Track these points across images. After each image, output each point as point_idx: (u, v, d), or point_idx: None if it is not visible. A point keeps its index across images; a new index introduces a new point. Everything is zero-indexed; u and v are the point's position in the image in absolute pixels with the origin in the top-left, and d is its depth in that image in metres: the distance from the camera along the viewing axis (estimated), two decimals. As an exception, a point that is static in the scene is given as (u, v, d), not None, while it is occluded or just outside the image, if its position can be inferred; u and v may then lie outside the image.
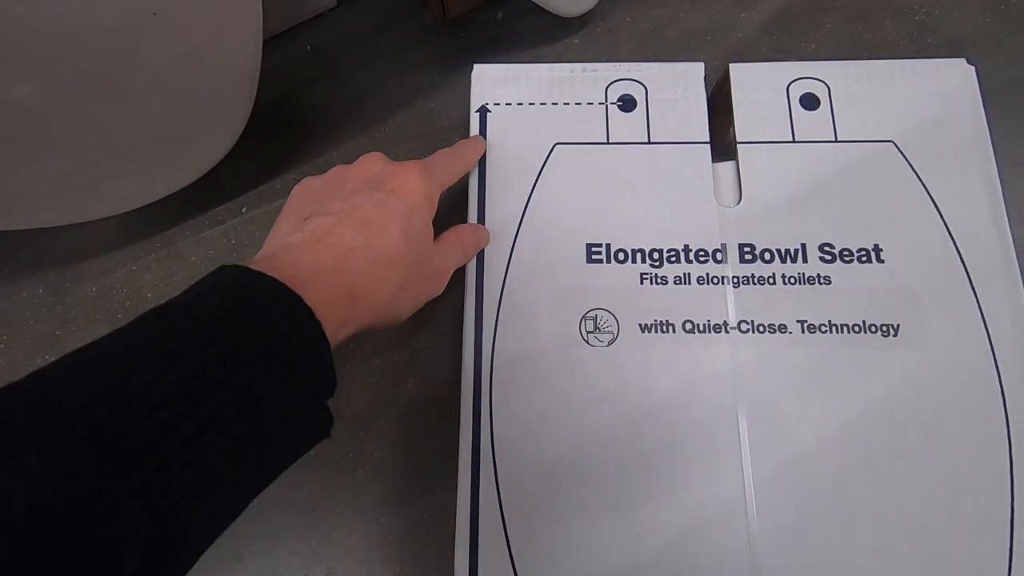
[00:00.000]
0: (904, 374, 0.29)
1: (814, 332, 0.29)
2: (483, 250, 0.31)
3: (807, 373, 0.29)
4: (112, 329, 0.18)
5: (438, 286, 0.30)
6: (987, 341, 0.29)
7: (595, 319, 0.30)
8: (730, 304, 0.30)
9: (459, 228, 0.31)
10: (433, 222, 0.28)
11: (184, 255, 0.37)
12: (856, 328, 0.29)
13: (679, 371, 0.29)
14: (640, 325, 0.30)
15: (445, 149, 0.32)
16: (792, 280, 0.30)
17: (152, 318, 0.20)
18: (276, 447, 0.21)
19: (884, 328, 0.29)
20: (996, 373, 0.29)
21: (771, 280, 0.30)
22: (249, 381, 0.19)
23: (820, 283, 0.30)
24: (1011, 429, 0.28)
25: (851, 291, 0.30)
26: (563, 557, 0.27)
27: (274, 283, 0.21)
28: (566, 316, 0.30)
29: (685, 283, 0.30)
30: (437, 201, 0.29)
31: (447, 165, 0.31)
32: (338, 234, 0.25)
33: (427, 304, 0.29)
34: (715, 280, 0.30)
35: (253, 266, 0.22)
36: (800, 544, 0.27)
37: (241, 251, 0.37)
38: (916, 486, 0.27)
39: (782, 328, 0.29)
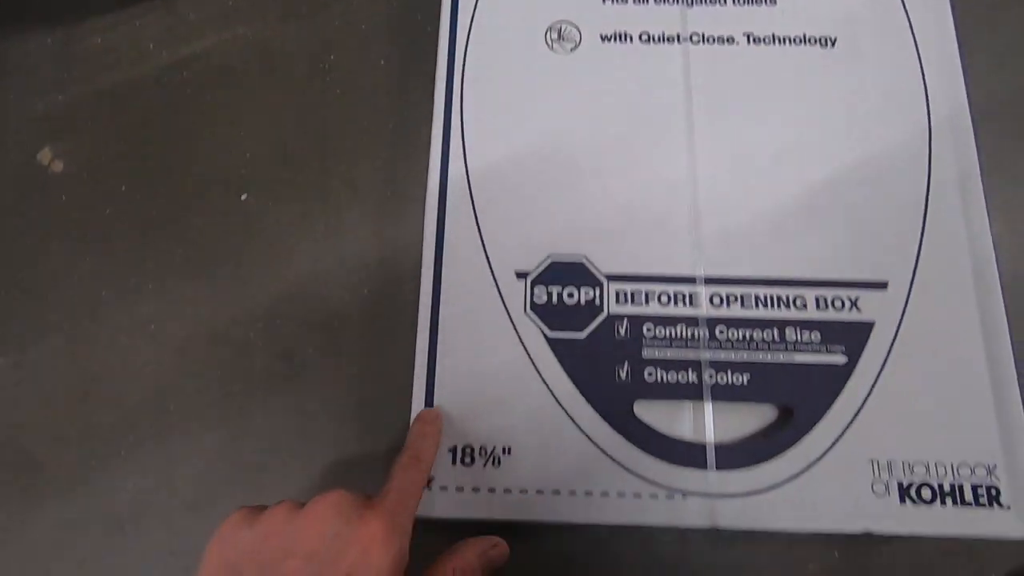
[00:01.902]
0: (838, 81, 0.32)
1: (759, 44, 0.32)
2: None
3: (751, 77, 0.32)
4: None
5: None
6: (916, 56, 0.32)
7: (560, 30, 0.33)
8: (685, 17, 0.33)
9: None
10: None
11: (181, 13, 0.39)
12: (797, 40, 0.32)
13: (636, 74, 0.32)
14: (601, 35, 0.33)
15: (400, 460, 0.25)
16: (741, 1, 0.33)
17: None
18: None
19: (823, 40, 0.32)
20: (923, 85, 0.32)
21: (722, 1, 0.33)
22: None
23: (767, 4, 0.33)
24: (932, 124, 0.31)
25: (795, 10, 0.33)
26: (525, 221, 0.30)
27: None
28: (533, 27, 0.33)
29: (644, 2, 0.33)
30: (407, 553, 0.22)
31: (409, 492, 0.24)
32: None
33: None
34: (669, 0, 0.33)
35: None
36: (738, 210, 0.30)
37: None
38: (843, 167, 0.30)
39: (730, 40, 0.32)
